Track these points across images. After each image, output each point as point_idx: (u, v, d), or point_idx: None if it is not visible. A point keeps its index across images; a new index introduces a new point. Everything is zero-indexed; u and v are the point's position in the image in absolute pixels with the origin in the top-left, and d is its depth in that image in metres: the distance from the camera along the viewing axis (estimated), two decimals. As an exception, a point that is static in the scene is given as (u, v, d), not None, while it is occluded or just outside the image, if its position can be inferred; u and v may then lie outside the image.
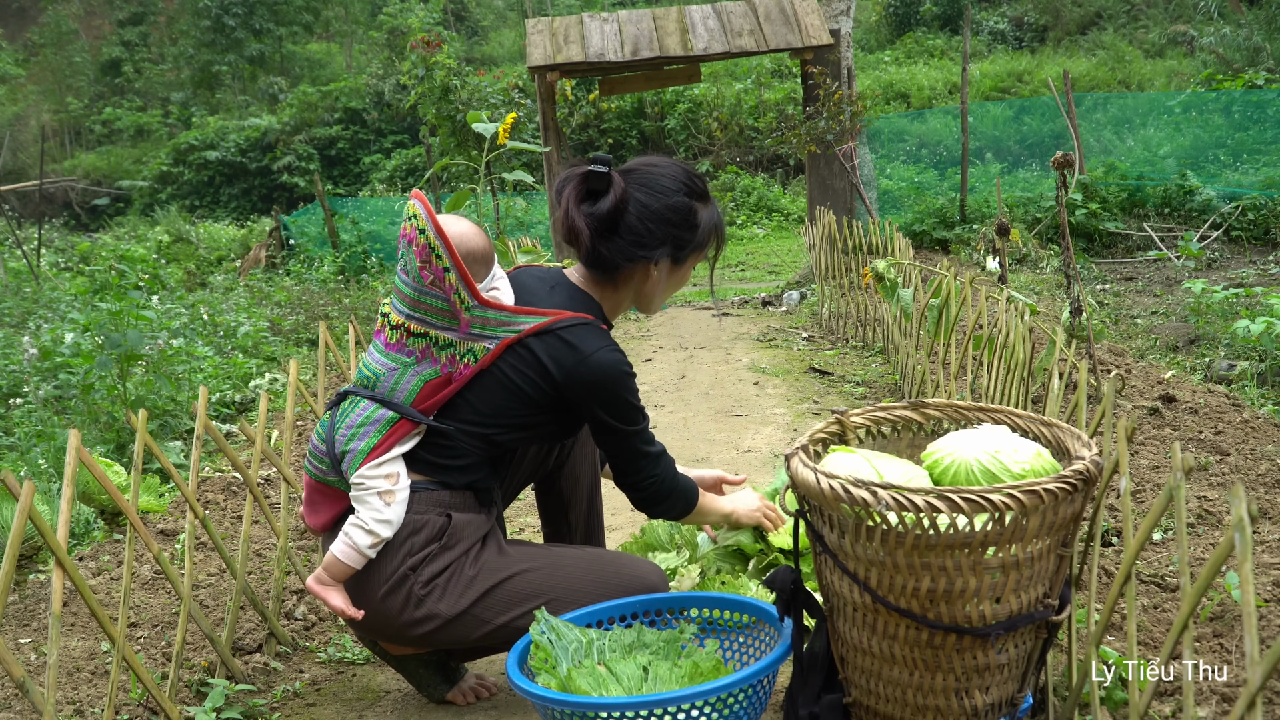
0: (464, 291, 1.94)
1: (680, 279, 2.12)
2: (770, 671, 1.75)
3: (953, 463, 1.76)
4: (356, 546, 1.94)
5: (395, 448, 1.96)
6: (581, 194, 1.98)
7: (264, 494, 3.55)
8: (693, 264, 2.11)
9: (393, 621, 1.97)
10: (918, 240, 9.23)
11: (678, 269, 2.09)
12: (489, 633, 1.98)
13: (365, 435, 1.96)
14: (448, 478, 1.99)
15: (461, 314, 1.95)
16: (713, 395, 5.05)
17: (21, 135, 28.51)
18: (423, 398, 1.97)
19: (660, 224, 1.99)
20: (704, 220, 2.05)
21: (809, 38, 8.38)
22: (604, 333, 2.01)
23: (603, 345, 1.97)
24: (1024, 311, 3.01)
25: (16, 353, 5.47)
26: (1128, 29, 20.64)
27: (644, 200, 1.98)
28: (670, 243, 2.02)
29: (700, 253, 2.09)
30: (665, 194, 2.00)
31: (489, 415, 1.97)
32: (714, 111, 17.85)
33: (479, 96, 10.10)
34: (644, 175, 2.01)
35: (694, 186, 2.04)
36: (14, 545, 1.61)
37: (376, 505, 1.94)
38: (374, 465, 1.95)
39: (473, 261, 2.00)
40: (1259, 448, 3.13)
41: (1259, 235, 8.84)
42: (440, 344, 1.97)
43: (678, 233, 2.01)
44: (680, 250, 2.04)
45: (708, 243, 2.08)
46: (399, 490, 1.95)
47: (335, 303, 9.05)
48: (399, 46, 22.26)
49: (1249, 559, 1.08)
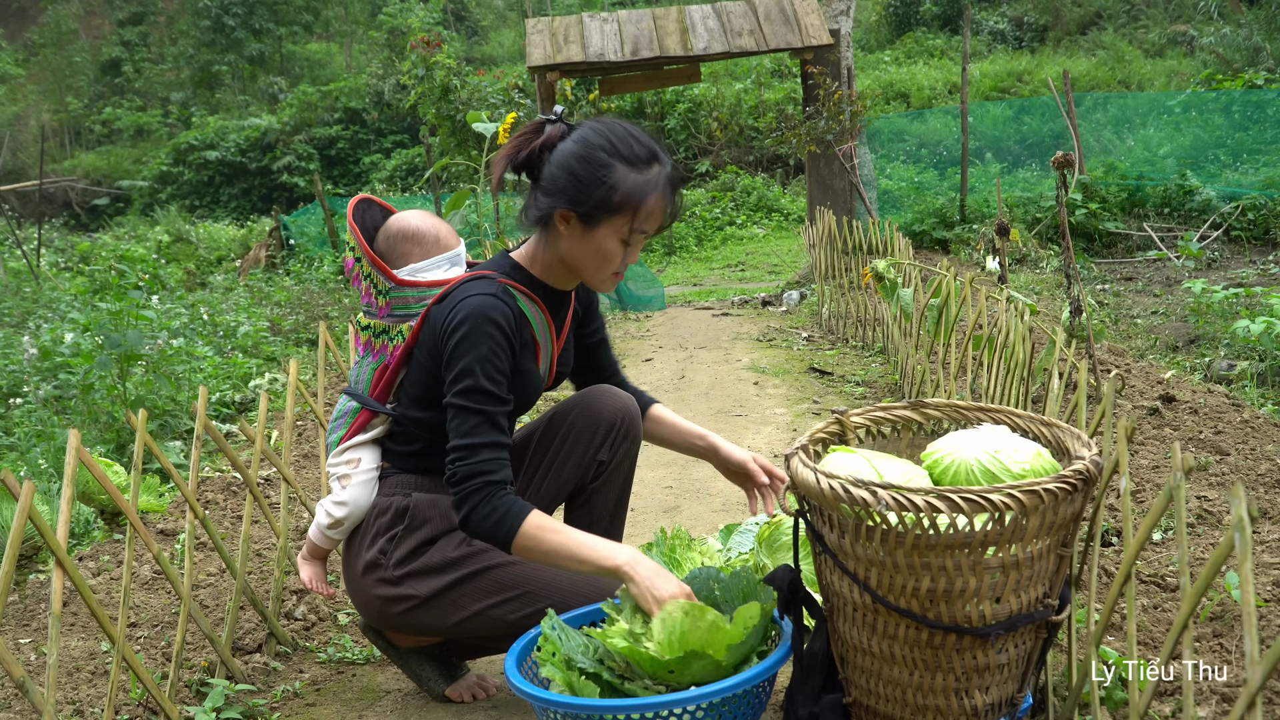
0: (376, 276, 2.04)
1: (599, 247, 1.91)
2: (770, 673, 1.75)
3: (953, 463, 1.76)
4: (319, 526, 2.09)
5: (357, 435, 2.07)
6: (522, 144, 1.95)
7: (264, 494, 3.55)
8: (611, 232, 1.90)
9: (374, 602, 2.03)
10: (918, 240, 9.23)
11: (589, 230, 1.90)
12: (465, 619, 1.98)
13: (338, 428, 2.11)
14: (407, 463, 2.07)
15: (375, 300, 2.05)
16: (713, 395, 5.05)
17: (21, 135, 28.52)
18: (374, 386, 2.07)
19: (564, 171, 1.89)
20: (622, 182, 1.87)
21: (809, 38, 8.38)
22: (490, 283, 1.93)
23: (476, 292, 1.90)
24: (1024, 311, 3.01)
25: (16, 353, 5.47)
26: (1128, 29, 20.64)
27: (564, 149, 1.91)
28: (569, 194, 1.88)
29: (615, 218, 1.88)
30: (584, 144, 1.89)
31: (417, 397, 2.01)
32: (714, 111, 17.85)
33: (479, 96, 10.10)
34: (583, 128, 1.93)
35: (625, 148, 1.88)
36: (14, 545, 1.61)
37: (335, 489, 2.06)
38: (338, 453, 2.08)
39: (404, 240, 2.11)
40: (1259, 448, 3.13)
41: (1259, 235, 8.85)
42: (377, 332, 2.08)
43: (581, 185, 1.87)
44: (581, 205, 1.87)
45: (625, 209, 1.88)
46: (356, 474, 2.04)
47: (335, 303, 9.05)
48: (399, 46, 22.26)
49: (1249, 559, 1.08)
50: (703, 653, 1.68)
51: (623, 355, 6.51)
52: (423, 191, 18.14)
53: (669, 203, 1.94)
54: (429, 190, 14.95)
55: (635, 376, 5.73)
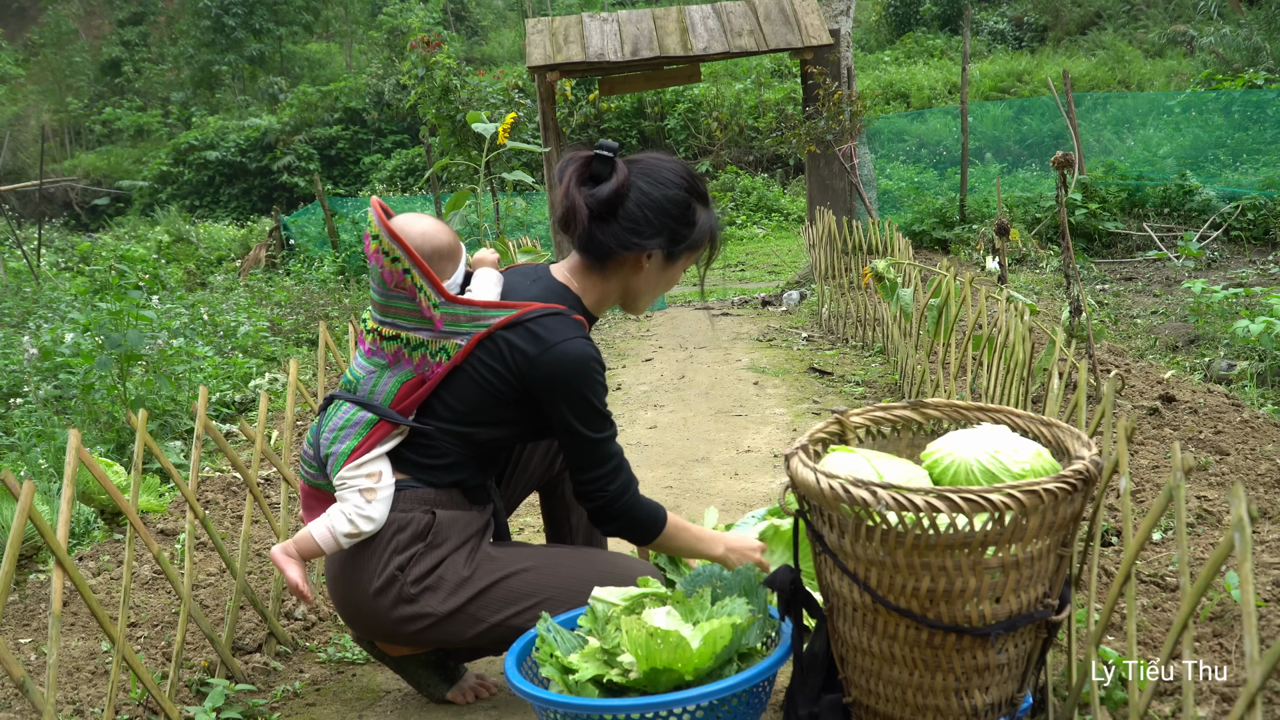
0: (429, 290, 1.96)
1: (671, 278, 2.09)
2: (770, 673, 1.75)
3: (952, 462, 1.76)
4: (334, 532, 1.97)
5: (376, 448, 1.98)
6: (583, 176, 1.96)
7: (264, 494, 3.55)
8: (685, 264, 2.09)
9: (385, 620, 1.97)
10: (917, 240, 9.24)
11: (670, 265, 2.05)
12: (483, 631, 1.98)
13: (346, 438, 1.98)
14: (432, 477, 2.00)
15: (431, 312, 1.96)
16: (712, 395, 5.05)
17: (21, 135, 28.51)
18: (399, 398, 1.99)
19: (659, 214, 1.97)
20: (701, 220, 2.04)
21: (809, 38, 8.38)
22: (576, 324, 1.96)
23: (571, 336, 1.93)
24: (1024, 311, 3.01)
25: (16, 353, 5.47)
26: (1127, 29, 20.64)
27: (645, 188, 1.97)
28: (666, 234, 1.99)
29: (694, 253, 2.07)
30: (667, 185, 1.98)
31: (464, 413, 1.97)
32: (714, 111, 17.86)
33: (479, 96, 10.10)
34: (648, 165, 2.00)
35: (696, 186, 2.03)
36: (14, 545, 1.61)
37: (358, 501, 1.96)
38: (354, 466, 1.97)
39: (439, 259, 2.02)
40: (1259, 448, 3.13)
41: (1259, 235, 8.85)
42: (412, 345, 1.98)
43: (675, 226, 1.99)
44: (675, 245, 2.01)
45: (703, 244, 2.06)
46: (381, 489, 1.96)
47: (335, 303, 9.06)
48: (399, 46, 22.26)
49: (1249, 559, 1.09)
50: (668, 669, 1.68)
51: (623, 355, 6.51)
52: (423, 191, 18.15)
53: (719, 232, 2.13)
54: (429, 190, 14.96)
55: (635, 376, 5.74)
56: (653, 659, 1.68)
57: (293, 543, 2.03)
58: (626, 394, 5.28)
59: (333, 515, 1.97)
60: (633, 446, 4.18)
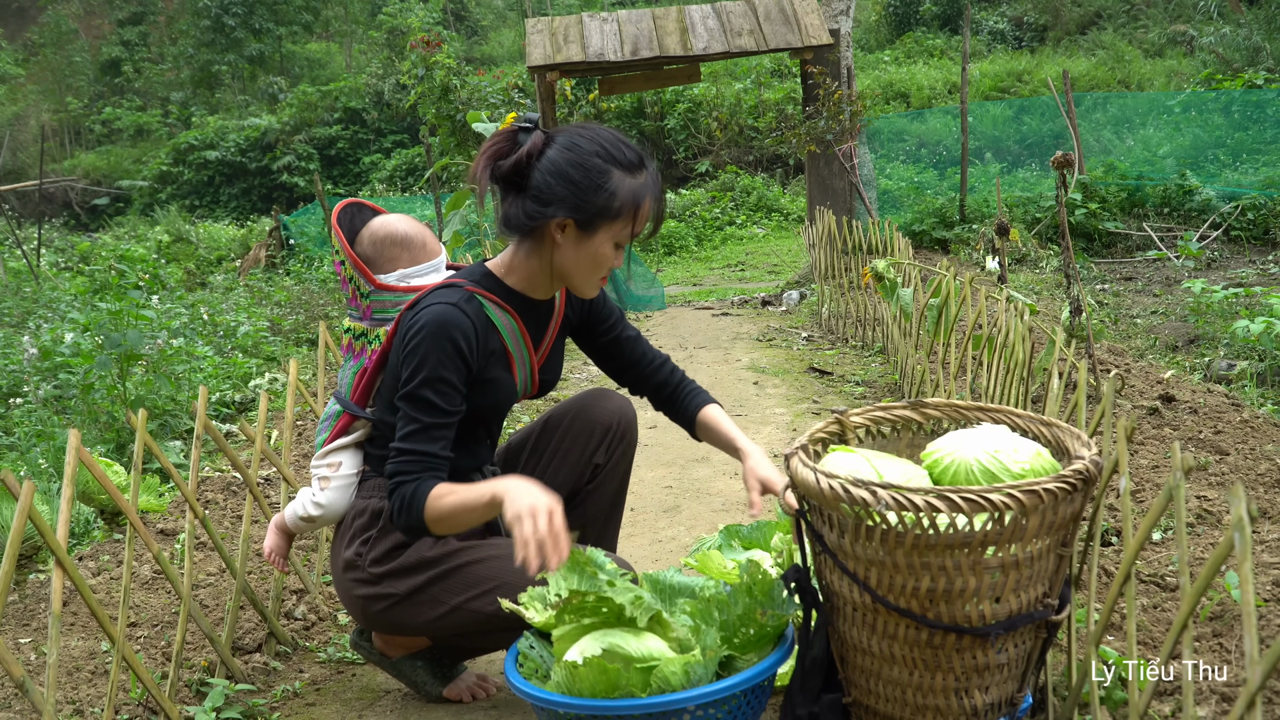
0: (359, 279, 2.08)
1: (595, 253, 1.92)
2: (770, 673, 1.75)
3: (952, 462, 1.76)
4: (294, 512, 2.14)
5: (339, 438, 2.10)
6: (499, 152, 1.92)
7: (264, 494, 3.55)
8: (609, 238, 1.91)
9: (356, 600, 2.04)
10: (917, 240, 9.23)
11: (588, 237, 1.90)
12: (445, 614, 1.97)
13: (323, 429, 2.15)
14: (382, 466, 2.07)
15: (359, 302, 2.08)
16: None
17: (21, 135, 28.50)
18: (354, 389, 2.10)
19: (561, 179, 1.86)
20: (620, 187, 1.87)
21: (809, 37, 8.38)
22: (455, 290, 1.92)
23: (441, 301, 1.90)
24: (1023, 311, 3.01)
25: (16, 353, 5.46)
26: (1127, 29, 20.63)
27: (553, 155, 1.88)
28: (570, 201, 1.86)
29: (615, 224, 1.90)
30: (575, 150, 1.87)
31: (389, 402, 2.01)
32: (714, 111, 17.84)
33: (479, 96, 10.09)
34: (568, 133, 1.91)
35: (616, 152, 1.89)
36: (14, 545, 1.61)
37: (314, 489, 2.10)
38: (319, 455, 2.11)
39: (391, 244, 2.13)
40: (1259, 447, 3.13)
41: (1258, 235, 8.85)
42: (357, 334, 2.11)
43: (580, 191, 1.86)
44: (582, 213, 1.87)
45: (624, 214, 1.89)
46: (335, 478, 2.07)
47: (335, 303, 9.05)
48: (399, 46, 22.26)
49: (1248, 558, 1.09)
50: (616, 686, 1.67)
51: (623, 355, 6.50)
52: (423, 191, 18.15)
53: (659, 205, 1.97)
54: (429, 190, 14.95)
55: (635, 376, 5.73)
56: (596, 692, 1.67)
57: (280, 515, 2.22)
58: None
59: (298, 497, 2.14)
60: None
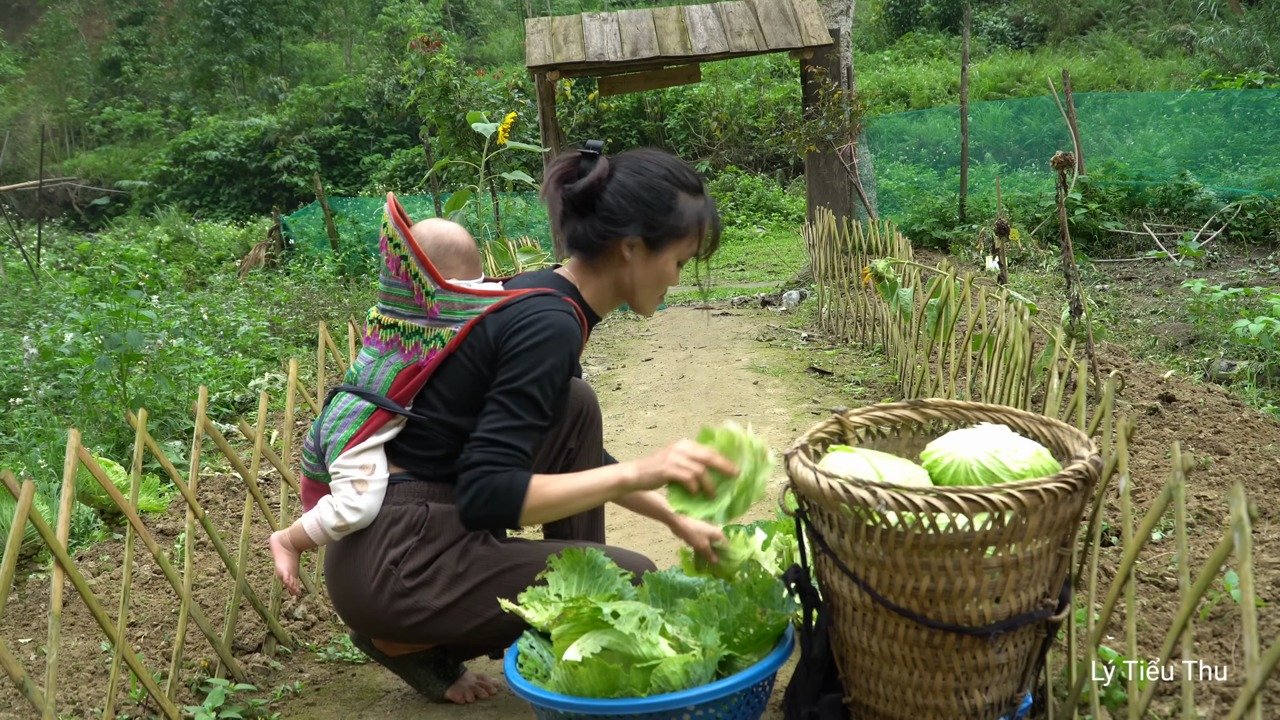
0: (424, 277, 1.99)
1: (662, 270, 2.03)
2: (770, 673, 1.75)
3: (952, 462, 1.76)
4: (323, 524, 1.98)
5: (371, 437, 1.99)
6: (567, 174, 2.01)
7: (264, 494, 3.55)
8: (674, 256, 2.03)
9: (381, 615, 1.96)
10: (917, 240, 9.24)
11: (655, 255, 2.01)
12: (479, 626, 1.97)
13: (345, 426, 2.00)
14: (424, 469, 2.00)
15: (425, 300, 1.99)
16: (712, 395, 5.05)
17: (21, 135, 28.50)
18: (395, 387, 2.00)
19: (633, 201, 1.97)
20: (686, 208, 2.00)
21: (809, 37, 8.38)
22: (564, 303, 1.98)
23: (557, 308, 1.95)
24: (1023, 311, 3.01)
25: (16, 353, 5.46)
26: (1127, 29, 20.63)
27: (622, 179, 1.98)
28: (642, 221, 1.97)
29: (681, 242, 2.02)
30: (644, 173, 1.98)
31: (455, 403, 1.98)
32: (714, 111, 17.85)
33: (479, 96, 10.09)
34: (632, 159, 2.01)
35: (681, 176, 2.01)
36: (14, 545, 1.61)
37: (348, 493, 1.96)
38: (350, 454, 1.98)
39: (449, 253, 2.08)
40: (1258, 447, 3.13)
41: (1258, 235, 8.85)
42: (407, 333, 2.01)
43: (651, 212, 1.97)
44: (653, 232, 1.98)
45: (689, 232, 2.01)
46: (373, 481, 1.97)
47: (335, 302, 9.05)
48: (399, 46, 22.26)
49: (1248, 558, 1.08)
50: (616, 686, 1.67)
51: (623, 355, 6.51)
52: (423, 191, 18.15)
53: (716, 225, 2.08)
54: (429, 190, 14.95)
55: (635, 376, 5.74)
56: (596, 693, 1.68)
57: (289, 533, 2.06)
58: (626, 393, 5.28)
59: (322, 507, 1.98)
60: (632, 446, 4.18)
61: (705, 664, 1.70)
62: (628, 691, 1.66)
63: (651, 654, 1.70)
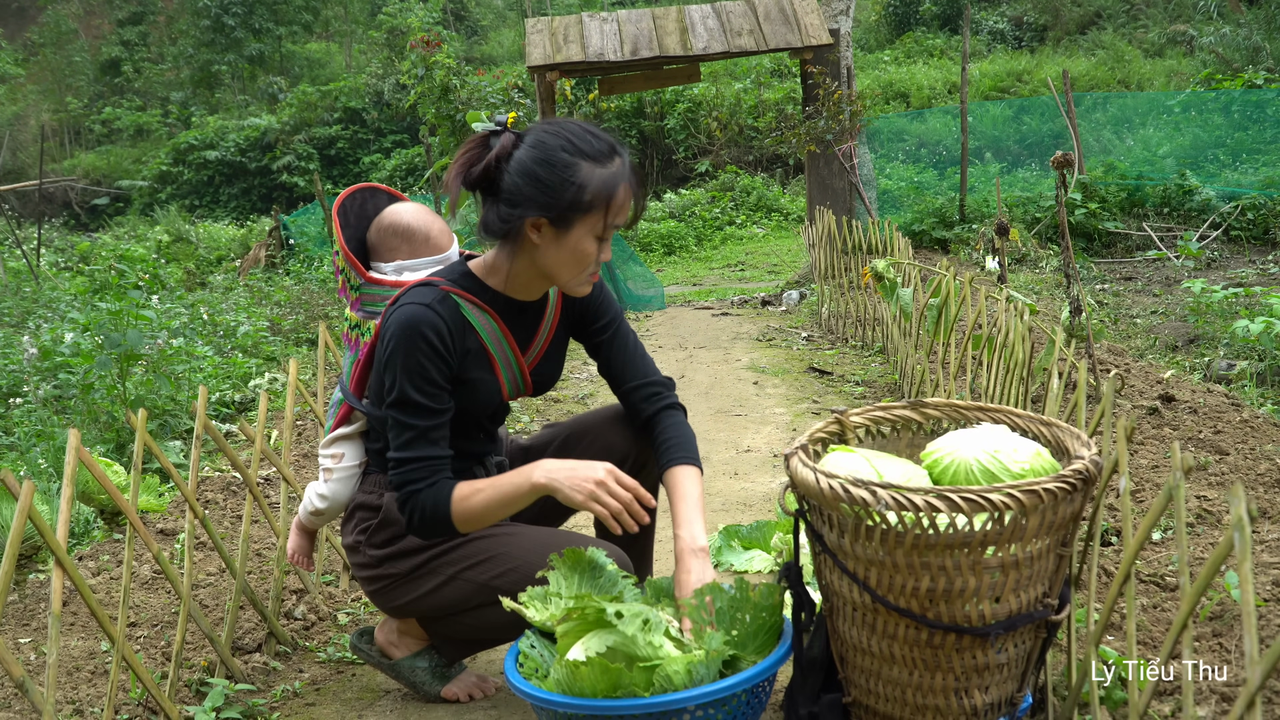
0: (350, 272, 2.10)
1: (575, 249, 1.88)
2: (770, 673, 1.75)
3: (952, 462, 1.76)
4: (304, 509, 2.19)
5: (341, 428, 2.12)
6: (470, 159, 1.91)
7: (264, 493, 3.55)
8: (587, 231, 1.86)
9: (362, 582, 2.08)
10: (917, 240, 9.23)
11: (563, 234, 1.86)
12: (440, 584, 1.99)
13: (329, 418, 2.18)
14: (377, 461, 2.09)
15: (349, 294, 2.09)
16: (712, 395, 5.05)
17: (21, 135, 28.50)
18: (354, 380, 2.11)
19: (528, 179, 1.83)
20: (590, 179, 1.82)
21: (808, 37, 8.38)
22: (429, 290, 1.91)
23: (411, 301, 1.89)
24: (1023, 311, 3.01)
25: (16, 353, 5.46)
26: (1127, 29, 20.63)
27: (521, 156, 1.85)
28: (541, 200, 1.83)
29: (589, 216, 1.85)
30: (541, 147, 1.84)
31: (376, 395, 2.03)
32: (713, 111, 17.83)
33: (479, 96, 10.08)
34: (535, 133, 1.87)
35: (583, 144, 1.84)
36: (14, 545, 1.61)
37: (320, 480, 2.13)
38: (324, 444, 2.14)
39: (388, 234, 2.13)
40: (1258, 447, 3.13)
41: (1258, 235, 8.85)
42: (352, 325, 2.12)
43: (548, 190, 1.82)
44: (554, 210, 1.83)
45: (597, 206, 1.84)
46: (337, 470, 2.10)
47: (335, 303, 9.04)
48: (398, 46, 22.25)
49: (1248, 558, 1.08)
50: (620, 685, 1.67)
51: (622, 355, 6.50)
52: (422, 191, 18.13)
53: (636, 192, 1.91)
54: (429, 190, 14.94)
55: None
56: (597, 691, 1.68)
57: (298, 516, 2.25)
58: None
59: (306, 493, 2.18)
60: (632, 446, 4.18)
61: (709, 664, 1.70)
62: (630, 691, 1.66)
63: (655, 654, 1.70)
